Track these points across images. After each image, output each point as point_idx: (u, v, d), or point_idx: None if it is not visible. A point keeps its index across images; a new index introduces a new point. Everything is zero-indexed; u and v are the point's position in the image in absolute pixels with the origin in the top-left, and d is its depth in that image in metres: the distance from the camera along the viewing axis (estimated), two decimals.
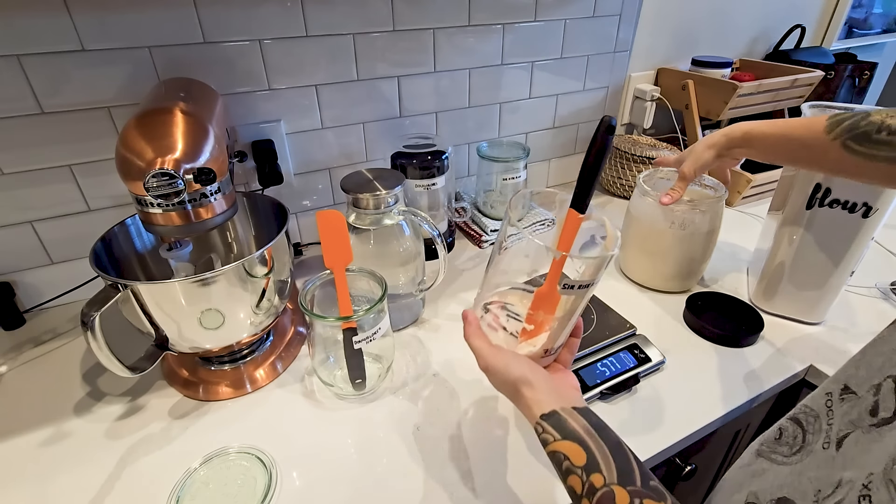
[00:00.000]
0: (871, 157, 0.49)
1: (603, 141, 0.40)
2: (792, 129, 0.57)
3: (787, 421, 0.42)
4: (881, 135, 0.47)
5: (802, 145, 0.55)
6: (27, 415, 0.61)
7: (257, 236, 0.76)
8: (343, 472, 0.54)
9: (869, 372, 0.36)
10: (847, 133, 0.50)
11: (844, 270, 0.70)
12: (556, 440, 0.37)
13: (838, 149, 0.51)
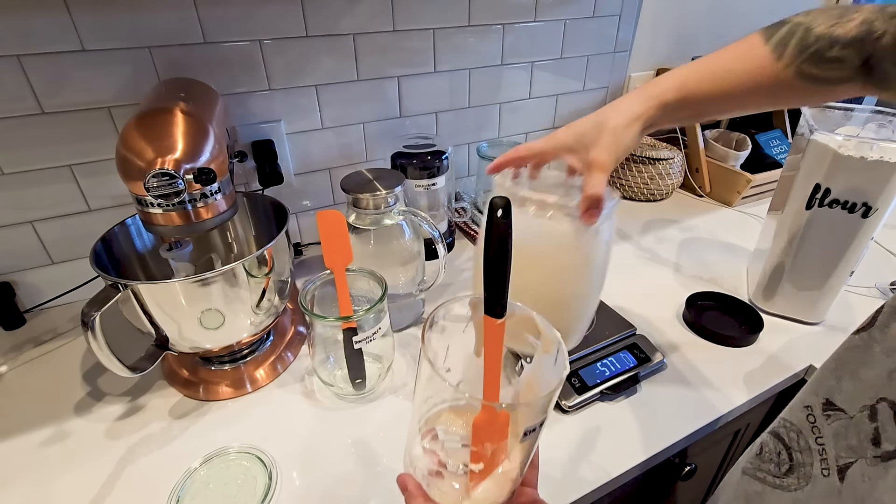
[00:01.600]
0: (824, 81, 0.42)
1: (502, 228, 0.30)
2: (731, 70, 0.44)
3: (767, 436, 0.41)
4: (833, 50, 0.40)
5: (751, 88, 0.44)
6: (27, 415, 0.61)
7: (257, 236, 0.76)
8: (343, 472, 0.54)
9: (856, 387, 0.34)
10: (799, 56, 0.42)
11: (844, 270, 0.70)
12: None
13: (793, 77, 0.42)
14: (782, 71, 0.42)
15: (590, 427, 0.59)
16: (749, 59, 0.44)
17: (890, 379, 0.32)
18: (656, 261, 0.91)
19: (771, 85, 0.43)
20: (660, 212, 1.09)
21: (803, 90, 0.43)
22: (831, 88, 0.43)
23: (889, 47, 0.39)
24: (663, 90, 0.45)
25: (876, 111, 0.72)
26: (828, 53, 0.41)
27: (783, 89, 0.44)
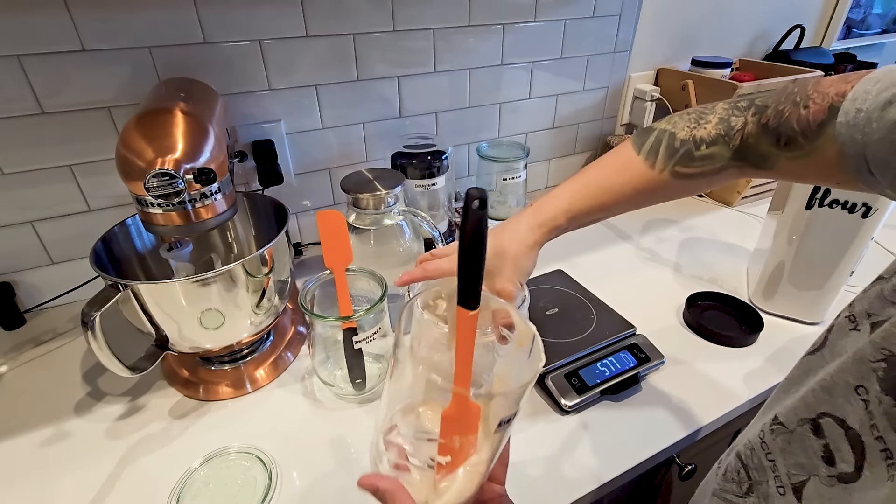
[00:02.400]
0: (700, 175, 0.46)
1: (477, 219, 0.30)
2: (613, 184, 0.48)
3: (730, 455, 0.41)
4: (701, 150, 0.45)
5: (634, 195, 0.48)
6: (27, 415, 0.61)
7: (257, 236, 0.76)
8: (343, 472, 0.54)
9: (794, 403, 0.34)
10: (670, 160, 0.46)
11: (844, 270, 0.70)
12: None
13: (669, 178, 0.46)
14: (658, 176, 0.46)
15: (590, 427, 0.59)
16: (626, 171, 0.48)
17: (829, 394, 0.31)
18: (656, 261, 0.91)
19: (652, 189, 0.47)
20: (660, 212, 1.09)
21: (683, 186, 0.47)
22: (710, 179, 0.46)
23: (756, 133, 0.42)
24: (553, 216, 0.49)
25: None
26: (696, 153, 0.45)
27: (664, 189, 0.47)
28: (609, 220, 1.03)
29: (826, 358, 0.34)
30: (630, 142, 0.49)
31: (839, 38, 1.47)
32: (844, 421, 0.30)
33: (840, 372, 0.31)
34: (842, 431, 0.30)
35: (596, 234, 0.99)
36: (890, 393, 0.28)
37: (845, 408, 0.30)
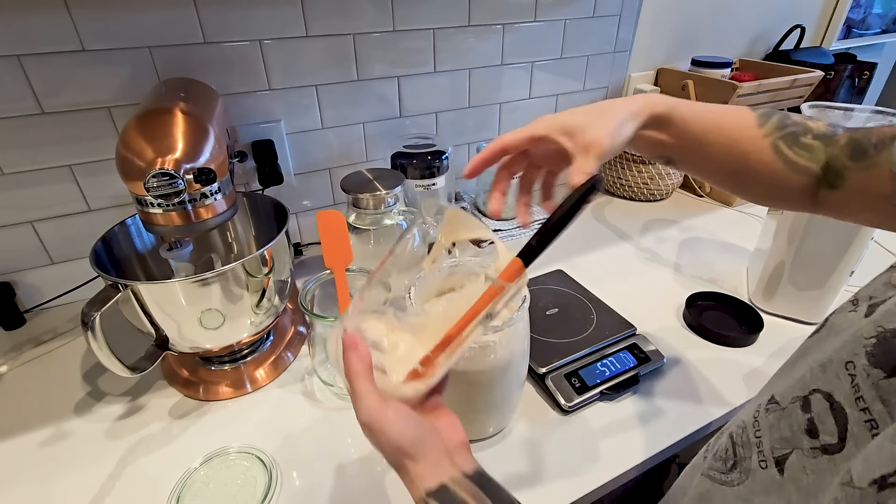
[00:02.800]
0: (792, 165, 0.44)
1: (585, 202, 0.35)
2: (719, 116, 0.46)
3: (717, 438, 0.42)
4: (807, 137, 0.44)
5: (730, 143, 0.46)
6: (27, 415, 0.61)
7: (257, 236, 0.76)
8: (343, 472, 0.54)
9: (790, 382, 0.35)
10: (779, 130, 0.45)
11: (844, 270, 0.70)
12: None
13: (768, 149, 0.45)
14: (762, 139, 0.45)
15: (590, 427, 0.59)
16: (736, 116, 0.47)
17: (823, 371, 0.32)
18: (656, 261, 0.91)
19: (748, 148, 0.46)
20: (660, 212, 1.09)
21: (769, 170, 0.45)
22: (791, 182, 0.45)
23: (844, 144, 0.43)
24: (654, 102, 0.46)
25: (876, 111, 0.72)
26: (802, 138, 0.44)
27: (757, 157, 0.45)
28: (609, 220, 1.04)
29: (824, 338, 0.35)
30: (748, 107, 0.48)
31: (839, 38, 1.47)
32: (831, 395, 0.31)
33: (835, 350, 0.32)
34: (827, 405, 0.31)
35: (596, 234, 0.99)
36: (878, 366, 0.28)
37: (834, 383, 0.31)
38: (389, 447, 0.35)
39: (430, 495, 0.33)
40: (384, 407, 0.35)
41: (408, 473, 0.35)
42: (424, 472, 0.34)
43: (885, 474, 0.24)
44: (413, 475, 0.34)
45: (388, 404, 0.35)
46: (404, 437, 0.34)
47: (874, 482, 0.24)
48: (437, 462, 0.35)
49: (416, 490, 0.34)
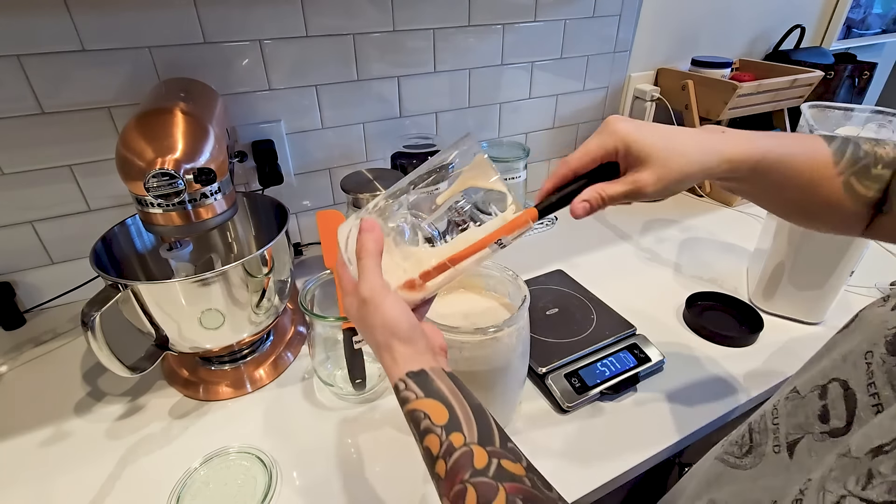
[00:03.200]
0: (860, 199, 0.42)
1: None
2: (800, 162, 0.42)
3: (743, 426, 0.43)
4: (877, 168, 0.42)
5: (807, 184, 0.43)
6: (27, 415, 0.61)
7: (257, 236, 0.76)
8: (343, 472, 0.54)
9: (812, 374, 0.36)
10: (852, 167, 0.42)
11: (844, 270, 0.70)
12: (418, 398, 0.35)
13: (839, 187, 0.42)
14: (836, 177, 0.43)
15: (590, 427, 0.59)
16: (814, 157, 0.43)
17: (844, 361, 0.33)
18: (656, 261, 0.91)
19: (821, 190, 0.43)
20: (660, 212, 1.09)
21: (837, 206, 0.43)
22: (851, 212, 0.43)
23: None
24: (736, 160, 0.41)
25: (876, 111, 0.72)
26: (872, 171, 0.42)
27: (825, 196, 0.43)
28: (609, 220, 1.04)
29: (851, 332, 0.35)
30: (818, 136, 0.44)
31: (839, 38, 1.46)
32: (847, 382, 0.31)
33: (858, 342, 0.32)
34: (842, 392, 0.32)
35: (596, 234, 0.99)
36: (895, 353, 0.29)
37: (851, 372, 0.31)
38: (383, 325, 0.37)
39: (409, 376, 0.36)
40: (387, 289, 0.38)
41: (393, 354, 0.37)
42: (409, 356, 0.37)
43: (882, 444, 0.24)
44: (398, 356, 0.37)
45: (389, 289, 0.38)
46: (400, 320, 0.37)
47: (870, 451, 0.25)
48: (422, 352, 0.37)
49: (398, 370, 0.36)
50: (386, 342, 0.37)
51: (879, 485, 0.22)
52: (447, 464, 0.32)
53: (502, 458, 0.32)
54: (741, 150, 0.41)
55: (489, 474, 0.31)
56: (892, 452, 0.23)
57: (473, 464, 0.32)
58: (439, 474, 0.33)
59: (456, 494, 0.31)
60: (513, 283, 0.56)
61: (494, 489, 0.31)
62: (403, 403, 0.36)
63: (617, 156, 0.41)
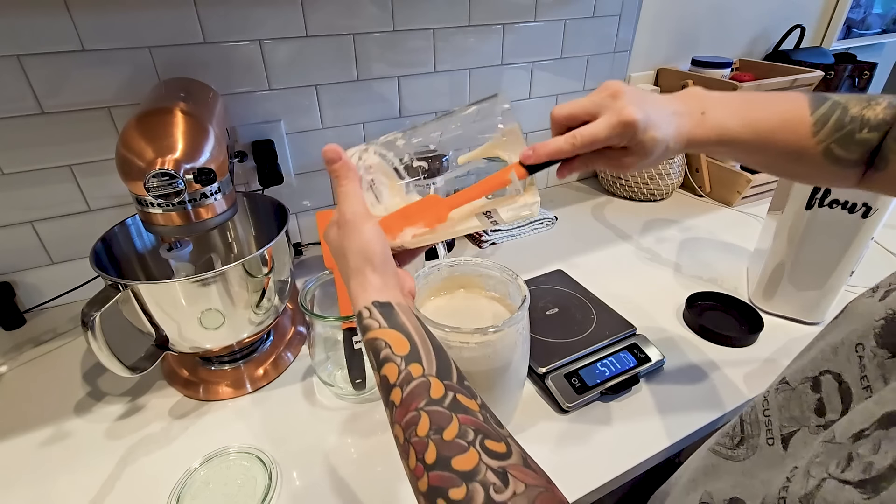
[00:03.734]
0: (843, 162, 0.43)
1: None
2: (774, 129, 0.44)
3: (735, 418, 0.43)
4: (862, 133, 0.42)
5: (782, 152, 0.44)
6: (27, 415, 0.61)
7: (257, 236, 0.76)
8: (343, 472, 0.54)
9: (802, 364, 0.36)
10: (833, 134, 0.43)
11: (844, 270, 0.70)
12: (380, 327, 0.35)
13: (818, 154, 0.43)
14: (814, 147, 0.43)
15: (590, 427, 0.59)
16: (791, 124, 0.44)
17: (834, 353, 0.33)
18: (656, 261, 0.91)
19: (798, 155, 0.44)
20: (660, 212, 1.09)
21: (818, 169, 0.45)
22: (838, 173, 0.44)
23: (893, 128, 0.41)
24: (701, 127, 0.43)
25: None
26: (857, 135, 0.42)
27: (805, 162, 0.44)
28: (609, 220, 1.04)
29: (839, 322, 0.35)
30: (807, 99, 0.44)
31: (839, 38, 1.47)
32: (840, 375, 0.32)
33: (847, 333, 0.32)
34: (836, 385, 0.32)
35: (596, 234, 0.99)
36: (885, 346, 0.29)
37: (844, 365, 0.32)
38: (359, 249, 0.38)
39: (375, 305, 0.36)
40: (369, 216, 0.39)
41: (364, 279, 0.38)
42: (379, 286, 0.37)
43: (863, 429, 0.25)
44: (368, 282, 0.37)
45: (370, 215, 0.40)
46: (376, 248, 0.38)
47: (852, 436, 0.25)
48: (392, 287, 0.38)
49: (366, 296, 0.37)
50: (358, 267, 0.38)
51: (857, 466, 0.23)
52: (403, 391, 0.33)
53: (458, 392, 0.33)
54: (708, 138, 0.43)
55: (444, 404, 0.32)
56: (871, 435, 0.24)
57: (430, 393, 0.32)
58: (394, 402, 0.33)
59: (409, 421, 0.32)
60: (513, 283, 0.56)
61: (448, 418, 0.31)
62: (365, 331, 0.36)
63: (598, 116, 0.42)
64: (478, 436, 0.30)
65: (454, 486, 0.28)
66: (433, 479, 0.29)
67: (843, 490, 0.22)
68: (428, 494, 0.29)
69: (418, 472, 0.30)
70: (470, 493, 0.28)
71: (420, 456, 0.30)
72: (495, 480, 0.28)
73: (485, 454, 0.29)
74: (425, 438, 0.31)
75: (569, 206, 1.10)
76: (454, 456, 0.29)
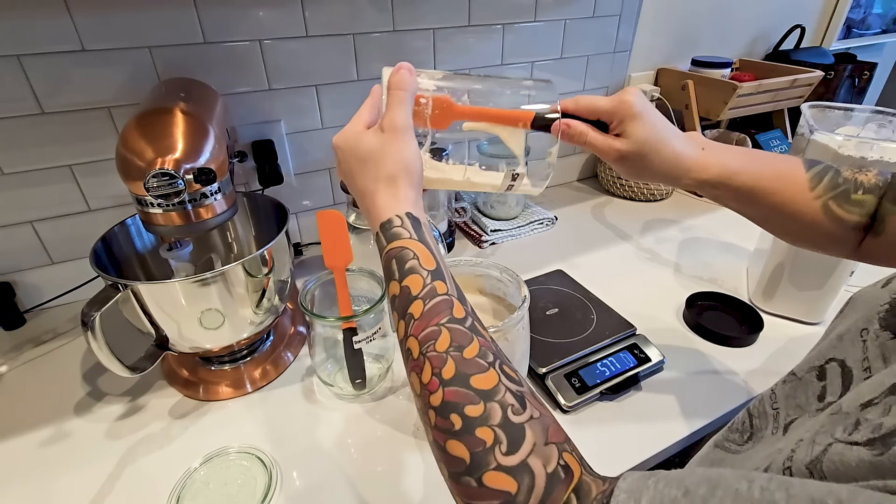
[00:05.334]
0: (841, 223, 0.44)
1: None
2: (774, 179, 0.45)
3: (742, 412, 0.43)
4: (858, 194, 0.44)
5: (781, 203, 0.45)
6: (27, 415, 0.61)
7: (257, 236, 0.76)
8: (343, 472, 0.54)
9: (809, 356, 0.37)
10: (830, 192, 0.44)
11: (844, 270, 0.70)
12: (411, 238, 0.35)
13: (818, 210, 0.44)
14: (812, 201, 0.45)
15: (590, 427, 0.59)
16: (789, 178, 0.45)
17: (840, 340, 0.33)
18: (656, 261, 0.91)
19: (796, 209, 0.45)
20: (660, 212, 1.09)
21: (817, 228, 0.45)
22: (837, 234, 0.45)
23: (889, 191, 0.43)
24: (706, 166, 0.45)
25: (876, 111, 0.72)
26: (853, 196, 0.44)
27: (803, 217, 0.45)
28: (609, 220, 1.04)
29: (846, 314, 0.36)
30: (800, 159, 0.47)
31: (839, 38, 1.47)
32: (844, 361, 0.32)
33: (854, 321, 0.33)
34: (839, 370, 0.32)
35: (596, 234, 0.99)
36: (888, 329, 0.30)
37: (848, 350, 0.32)
38: (401, 159, 0.37)
39: (409, 217, 0.36)
40: (413, 131, 0.39)
41: (398, 190, 0.37)
42: (413, 200, 0.37)
43: (872, 398, 0.25)
44: (403, 194, 0.37)
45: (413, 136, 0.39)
46: (417, 164, 0.38)
47: (861, 405, 0.25)
48: (421, 207, 0.38)
49: (398, 206, 0.37)
50: (394, 176, 0.37)
51: (865, 429, 0.23)
52: (425, 305, 0.32)
53: (476, 320, 0.33)
54: (709, 172, 0.45)
55: (465, 325, 0.32)
56: (881, 402, 0.24)
57: (453, 312, 0.32)
58: (413, 314, 0.33)
59: (428, 335, 0.31)
60: (513, 283, 0.56)
61: (469, 338, 0.31)
62: (392, 239, 0.35)
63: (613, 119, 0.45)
64: (497, 359, 0.31)
65: (471, 403, 0.28)
66: (448, 394, 0.29)
67: (852, 450, 0.22)
68: (441, 409, 0.29)
69: (432, 387, 0.30)
70: (487, 411, 0.28)
71: (437, 371, 0.30)
72: (513, 402, 0.29)
73: (504, 377, 0.30)
74: (444, 354, 0.30)
75: (569, 206, 1.10)
76: (474, 374, 0.29)
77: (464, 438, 0.28)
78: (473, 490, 0.27)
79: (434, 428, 0.30)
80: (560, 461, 0.28)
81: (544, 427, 0.29)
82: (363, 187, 0.39)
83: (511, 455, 0.27)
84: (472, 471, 0.27)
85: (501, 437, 0.27)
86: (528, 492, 0.26)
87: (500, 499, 0.26)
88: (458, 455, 0.28)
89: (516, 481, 0.26)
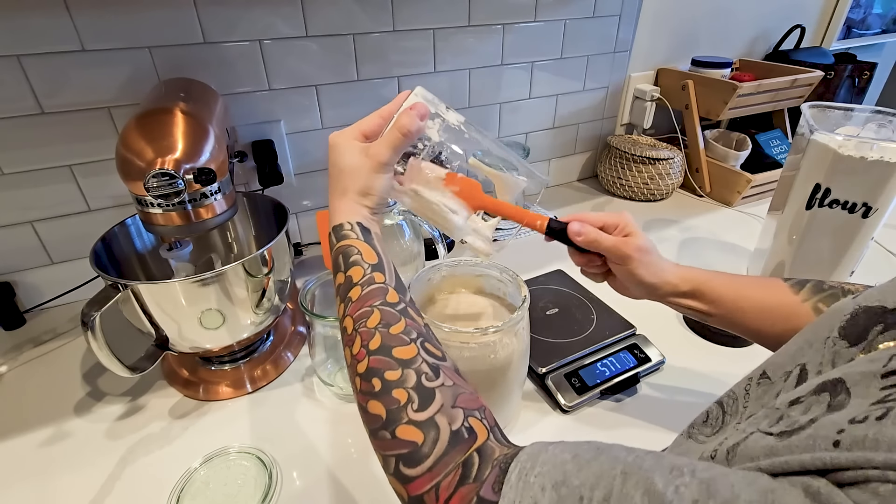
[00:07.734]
0: None
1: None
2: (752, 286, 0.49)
3: (714, 404, 0.44)
4: (847, 297, 0.45)
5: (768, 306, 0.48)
6: (27, 415, 0.61)
7: (257, 236, 0.76)
8: (343, 472, 0.54)
9: (783, 359, 0.37)
10: (816, 295, 0.46)
11: (844, 270, 0.70)
12: (357, 239, 0.40)
13: (809, 312, 0.46)
14: (799, 304, 0.47)
15: (590, 427, 0.59)
16: (768, 285, 0.49)
17: (810, 346, 0.35)
18: None
19: (787, 312, 0.47)
20: (660, 212, 1.09)
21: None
22: None
23: None
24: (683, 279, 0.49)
25: (876, 111, 0.72)
26: (842, 298, 0.44)
27: (797, 321, 0.46)
28: None
29: (820, 322, 0.37)
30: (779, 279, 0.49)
31: (839, 38, 1.47)
32: (805, 365, 0.33)
33: (822, 329, 0.34)
34: (798, 373, 0.34)
35: None
36: (845, 338, 0.31)
37: (812, 356, 0.33)
38: (373, 186, 0.43)
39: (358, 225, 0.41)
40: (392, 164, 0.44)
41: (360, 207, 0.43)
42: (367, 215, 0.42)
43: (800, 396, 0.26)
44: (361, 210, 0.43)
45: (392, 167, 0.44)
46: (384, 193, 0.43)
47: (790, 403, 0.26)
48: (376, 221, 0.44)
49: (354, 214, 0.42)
50: (362, 194, 0.42)
51: (784, 423, 0.25)
52: (363, 290, 0.37)
53: (409, 307, 0.37)
54: (689, 275, 0.49)
55: (396, 308, 0.36)
56: (805, 401, 0.25)
57: (386, 297, 0.37)
58: (351, 297, 0.37)
59: (361, 314, 0.36)
60: (513, 283, 0.56)
61: (397, 318, 0.36)
62: (341, 239, 0.40)
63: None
64: (419, 337, 0.35)
65: (391, 369, 0.33)
66: (372, 361, 0.34)
67: (765, 439, 0.24)
68: (365, 374, 0.34)
69: (360, 356, 0.34)
70: (404, 376, 0.32)
71: (365, 343, 0.35)
72: (428, 371, 0.33)
73: (423, 351, 0.34)
74: (373, 329, 0.35)
75: (569, 206, 1.10)
76: (396, 346, 0.34)
77: (382, 398, 0.32)
78: (388, 442, 0.31)
79: (359, 392, 0.34)
80: (465, 423, 0.31)
81: (455, 394, 0.32)
82: (334, 189, 0.44)
83: (421, 412, 0.31)
84: (387, 425, 0.31)
85: (414, 398, 0.31)
86: (432, 444, 0.30)
87: (408, 448, 0.30)
88: (377, 413, 0.32)
89: (423, 433, 0.30)
